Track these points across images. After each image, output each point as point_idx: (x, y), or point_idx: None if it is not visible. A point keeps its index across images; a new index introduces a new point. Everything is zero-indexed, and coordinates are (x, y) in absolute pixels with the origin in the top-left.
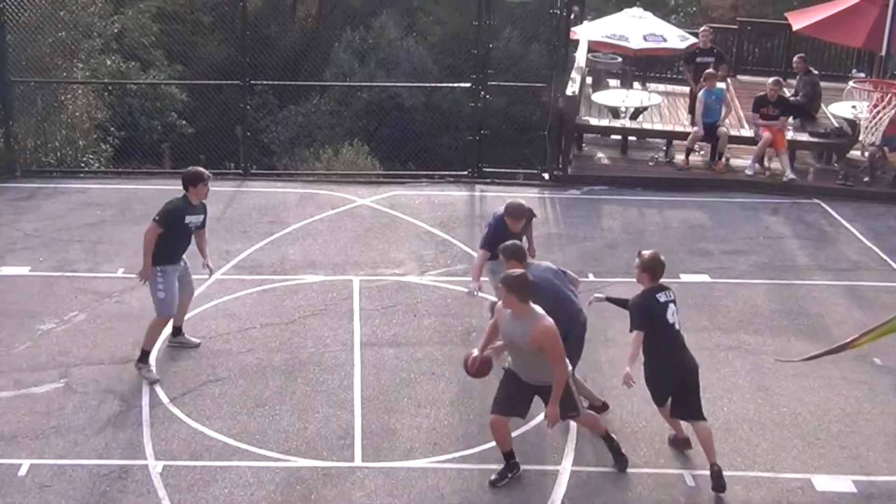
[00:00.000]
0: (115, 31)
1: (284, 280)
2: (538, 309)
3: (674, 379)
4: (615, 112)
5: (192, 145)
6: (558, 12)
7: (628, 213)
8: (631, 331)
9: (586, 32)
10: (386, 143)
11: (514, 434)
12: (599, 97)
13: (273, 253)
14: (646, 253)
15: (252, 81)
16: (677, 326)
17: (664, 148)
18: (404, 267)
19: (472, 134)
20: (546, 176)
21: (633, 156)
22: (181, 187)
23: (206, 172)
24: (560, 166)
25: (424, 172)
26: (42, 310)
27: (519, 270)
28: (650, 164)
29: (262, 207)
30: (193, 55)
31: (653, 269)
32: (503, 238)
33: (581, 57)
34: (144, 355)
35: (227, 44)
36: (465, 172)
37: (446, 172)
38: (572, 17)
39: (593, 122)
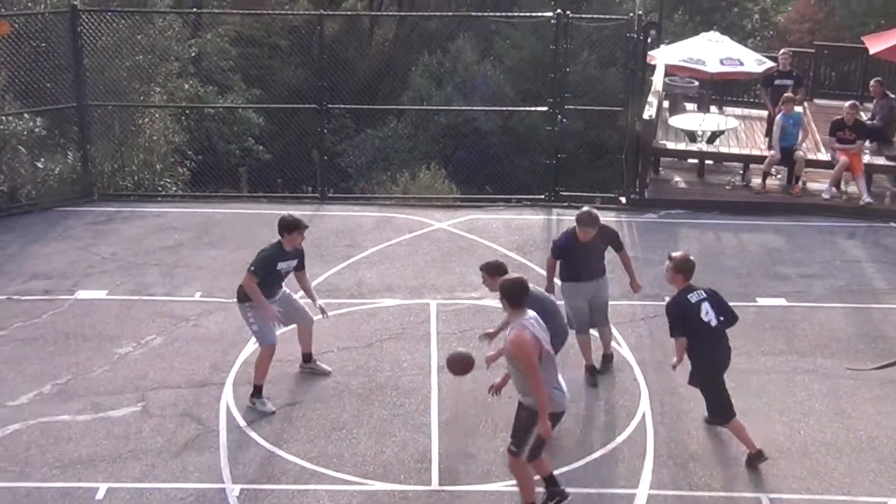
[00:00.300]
0: (193, 55)
1: (361, 304)
2: (525, 319)
3: (714, 375)
4: (692, 136)
5: (269, 169)
6: (635, 36)
7: (705, 236)
8: (674, 337)
9: (663, 56)
10: (463, 166)
11: (590, 458)
12: (676, 121)
13: (350, 276)
14: (676, 254)
15: (329, 105)
16: (714, 323)
17: (741, 172)
18: (481, 290)
19: (548, 157)
20: (623, 200)
21: (709, 179)
22: (257, 210)
23: (303, 221)
24: (637, 190)
25: (501, 196)
26: (119, 333)
27: (518, 275)
28: (727, 187)
29: (339, 231)
30: (270, 79)
31: (685, 269)
32: (572, 248)
33: (658, 81)
34: (257, 390)
35: (304, 68)
36: (542, 196)
37: (523, 196)
38: (649, 41)
39: (670, 145)
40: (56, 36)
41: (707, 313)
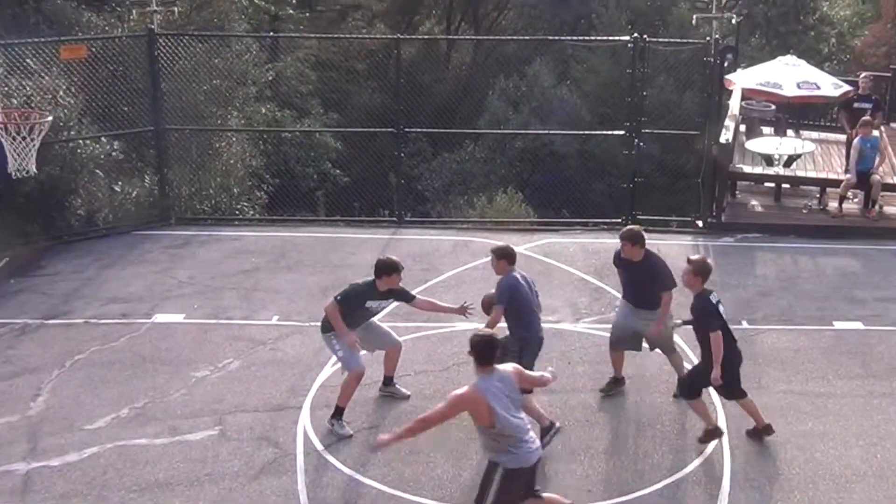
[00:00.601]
0: (270, 78)
1: (438, 327)
2: (486, 383)
3: (731, 371)
4: (769, 160)
5: (346, 193)
6: (712, 60)
7: (782, 260)
8: (712, 332)
9: (740, 80)
10: (540, 190)
11: (667, 481)
12: (753, 145)
13: None
14: (694, 258)
15: (406, 129)
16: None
17: (818, 195)
18: (558, 314)
19: (625, 181)
20: (700, 223)
21: (786, 203)
22: (334, 234)
23: (400, 263)
24: (714, 214)
25: (578, 220)
26: (197, 357)
27: (490, 332)
28: (804, 211)
29: (417, 255)
30: (348, 103)
31: (704, 272)
32: (619, 260)
33: (735, 104)
34: (338, 411)
35: (381, 91)
36: (619, 220)
37: (600, 220)
38: (726, 64)
39: (747, 169)
40: (133, 60)
41: (724, 313)
